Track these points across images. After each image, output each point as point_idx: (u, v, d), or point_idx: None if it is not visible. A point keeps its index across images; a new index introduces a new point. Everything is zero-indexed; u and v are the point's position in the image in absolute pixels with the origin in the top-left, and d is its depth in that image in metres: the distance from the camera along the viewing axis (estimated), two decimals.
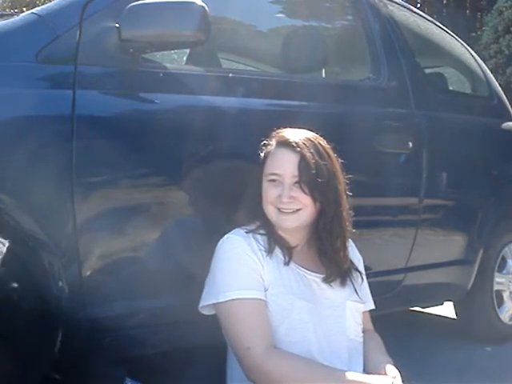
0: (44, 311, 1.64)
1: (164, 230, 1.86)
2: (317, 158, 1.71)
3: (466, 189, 2.85)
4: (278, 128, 1.82)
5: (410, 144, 2.50)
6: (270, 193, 1.73)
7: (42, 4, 1.87)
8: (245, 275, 1.68)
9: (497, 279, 3.15)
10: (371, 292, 1.95)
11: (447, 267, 2.83)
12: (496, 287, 3.14)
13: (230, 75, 2.08)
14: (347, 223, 1.77)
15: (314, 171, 1.69)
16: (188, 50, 2.37)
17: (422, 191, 2.60)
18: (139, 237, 1.82)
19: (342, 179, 1.77)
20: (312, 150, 1.71)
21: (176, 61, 2.35)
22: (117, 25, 1.76)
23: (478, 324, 3.12)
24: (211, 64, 2.43)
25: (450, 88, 3.33)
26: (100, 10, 1.80)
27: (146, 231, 1.83)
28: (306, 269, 1.77)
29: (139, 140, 1.80)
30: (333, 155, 1.77)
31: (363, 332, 1.85)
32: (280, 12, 2.68)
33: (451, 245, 2.88)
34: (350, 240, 1.82)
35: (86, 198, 1.69)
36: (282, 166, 1.72)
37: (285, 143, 1.73)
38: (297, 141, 1.72)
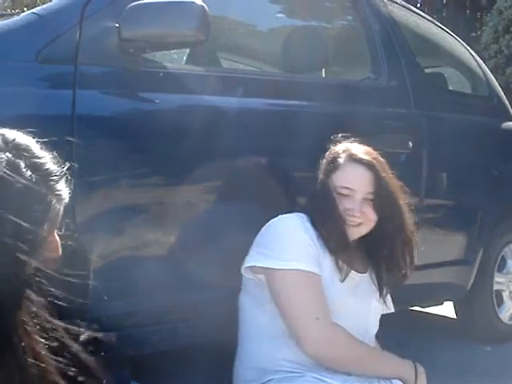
0: None
1: (164, 229, 1.87)
2: (385, 176, 1.80)
3: (466, 189, 2.85)
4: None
5: (410, 144, 2.50)
6: (340, 204, 1.77)
7: (42, 4, 1.87)
8: (305, 250, 1.70)
9: (497, 279, 3.15)
10: None
11: (447, 267, 2.83)
12: (496, 287, 3.14)
13: (230, 75, 2.08)
14: (410, 234, 1.84)
15: (383, 190, 1.78)
16: (188, 50, 2.37)
17: (422, 191, 2.60)
18: (139, 236, 1.82)
19: (404, 201, 1.86)
20: (382, 170, 1.80)
21: (176, 61, 2.35)
22: (117, 25, 1.76)
23: (477, 324, 3.12)
24: (211, 64, 2.44)
25: (450, 88, 3.33)
26: (100, 10, 1.80)
27: (146, 231, 1.83)
28: (349, 267, 1.79)
29: (139, 140, 1.80)
30: (395, 178, 1.85)
31: None
32: (280, 12, 2.68)
33: (451, 244, 2.88)
34: None
35: (85, 197, 1.69)
36: (356, 181, 1.77)
37: (359, 160, 1.79)
38: (371, 160, 1.80)
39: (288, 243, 1.72)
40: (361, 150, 1.83)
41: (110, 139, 1.74)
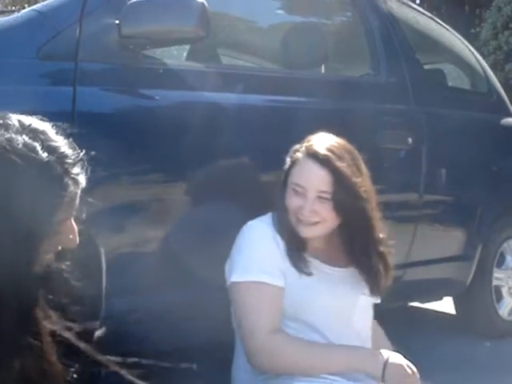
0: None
1: (165, 227, 1.87)
2: (346, 174, 1.68)
3: (466, 185, 2.86)
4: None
5: (410, 140, 2.51)
6: (292, 202, 1.71)
7: (43, 1, 1.87)
8: (266, 260, 1.69)
9: (496, 275, 3.16)
10: None
11: (446, 263, 2.84)
12: (495, 282, 3.15)
13: (230, 71, 2.08)
14: (377, 235, 1.76)
15: (340, 189, 1.67)
16: (188, 46, 2.37)
17: (422, 187, 2.60)
18: (139, 234, 1.82)
19: (372, 195, 1.75)
20: (342, 166, 1.68)
21: (176, 57, 2.35)
22: (117, 21, 1.77)
23: (476, 319, 3.13)
24: (211, 60, 2.44)
25: (449, 84, 3.34)
26: (100, 7, 1.80)
27: (147, 228, 1.83)
28: (323, 262, 1.77)
29: (139, 136, 1.80)
30: (365, 170, 1.75)
31: None
32: (279, 8, 2.68)
33: (450, 240, 2.88)
34: None
35: (86, 194, 1.69)
36: (308, 179, 1.68)
37: (314, 155, 1.68)
38: (328, 155, 1.67)
39: (249, 255, 1.70)
40: (322, 145, 1.70)
41: (110, 136, 1.74)
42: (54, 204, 1.01)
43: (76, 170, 1.06)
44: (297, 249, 1.72)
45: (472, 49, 3.54)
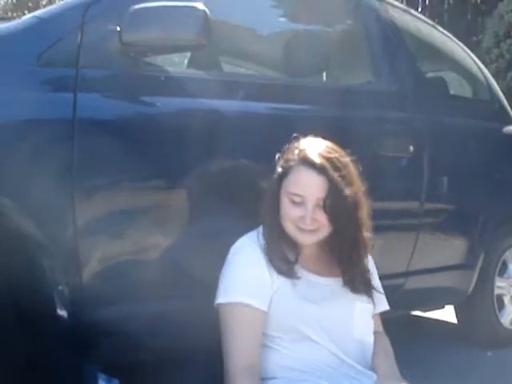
0: (42, 315, 1.65)
1: (164, 233, 1.86)
2: (341, 181, 1.68)
3: (467, 193, 2.85)
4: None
5: (411, 148, 2.50)
6: (291, 212, 1.70)
7: (45, 7, 1.87)
8: (252, 282, 1.69)
9: (497, 283, 3.14)
10: None
11: (448, 271, 2.83)
12: (497, 291, 3.14)
13: (232, 79, 2.08)
14: (365, 240, 1.78)
15: (338, 196, 1.67)
16: (189, 54, 2.37)
17: (423, 195, 2.60)
18: (139, 240, 1.82)
19: (363, 201, 1.76)
20: (337, 173, 1.68)
21: (177, 64, 2.35)
22: (118, 28, 1.77)
23: (478, 328, 3.12)
24: (212, 68, 2.44)
25: (451, 92, 3.33)
26: (101, 14, 1.80)
27: (147, 235, 1.83)
28: (317, 274, 1.77)
29: (140, 143, 1.80)
30: (355, 176, 1.75)
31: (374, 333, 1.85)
32: (281, 16, 2.68)
33: (452, 249, 2.87)
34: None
35: (86, 201, 1.69)
36: (307, 187, 1.68)
37: (309, 163, 1.68)
38: (323, 162, 1.68)
39: (234, 276, 1.71)
40: (315, 152, 1.70)
41: (110, 143, 1.74)
42: None
43: None
44: (288, 258, 1.72)
45: (474, 57, 3.54)
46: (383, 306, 1.92)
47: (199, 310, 1.88)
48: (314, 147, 1.73)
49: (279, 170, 1.75)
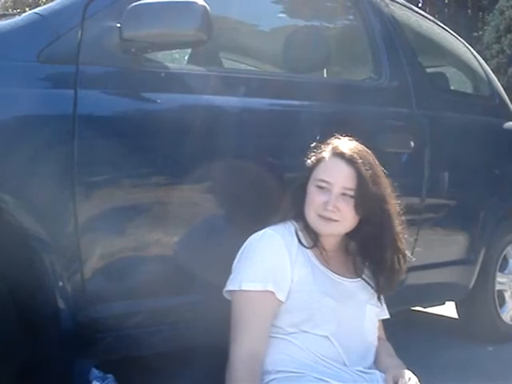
0: (43, 311, 1.65)
1: (165, 230, 1.86)
2: (368, 176, 1.75)
3: (468, 188, 2.85)
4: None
5: (412, 144, 2.50)
6: (316, 198, 1.76)
7: (45, 4, 1.87)
8: (273, 270, 1.70)
9: (498, 279, 3.15)
10: None
11: (449, 267, 2.83)
12: (498, 287, 3.14)
13: (232, 75, 2.08)
14: (398, 242, 1.82)
15: (364, 189, 1.73)
16: (189, 50, 2.37)
17: (424, 191, 2.60)
18: (141, 237, 1.82)
19: (392, 202, 1.81)
20: (365, 168, 1.75)
21: (178, 60, 2.35)
22: (118, 25, 1.76)
23: (479, 324, 3.12)
24: (213, 64, 2.44)
25: (452, 88, 3.33)
26: (101, 10, 1.80)
27: (148, 231, 1.83)
28: (335, 272, 1.80)
29: (141, 140, 1.79)
30: (383, 176, 1.81)
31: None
32: (282, 12, 2.68)
33: (453, 244, 2.87)
34: None
35: (87, 197, 1.69)
36: (335, 175, 1.75)
37: (341, 155, 1.77)
38: (354, 155, 1.76)
39: (256, 264, 1.72)
40: (347, 146, 1.80)
41: (111, 139, 1.74)
42: None
43: None
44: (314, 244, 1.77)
45: (474, 52, 3.53)
46: (385, 313, 1.95)
47: (201, 307, 1.89)
48: (346, 142, 1.81)
49: (310, 161, 1.82)
